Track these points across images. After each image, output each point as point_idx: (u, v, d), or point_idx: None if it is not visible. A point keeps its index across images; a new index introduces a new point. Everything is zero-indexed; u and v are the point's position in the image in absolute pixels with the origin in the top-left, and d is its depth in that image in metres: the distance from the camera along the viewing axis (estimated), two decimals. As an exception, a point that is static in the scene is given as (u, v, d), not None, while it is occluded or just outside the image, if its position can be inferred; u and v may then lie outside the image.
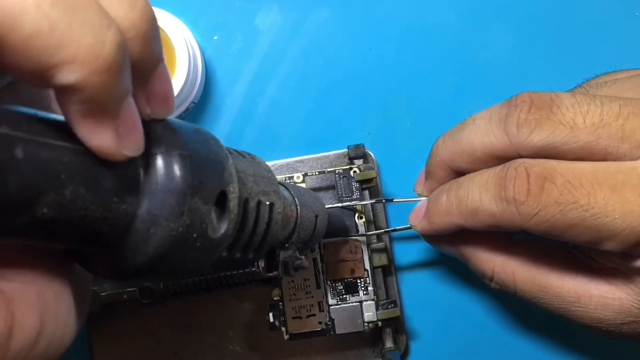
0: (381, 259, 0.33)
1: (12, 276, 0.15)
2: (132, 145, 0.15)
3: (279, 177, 0.33)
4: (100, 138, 0.15)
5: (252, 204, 0.20)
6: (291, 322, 0.32)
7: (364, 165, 0.33)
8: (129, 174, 0.16)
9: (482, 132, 0.26)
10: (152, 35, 0.16)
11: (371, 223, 0.34)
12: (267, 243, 0.22)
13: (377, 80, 0.36)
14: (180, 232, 0.16)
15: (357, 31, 0.36)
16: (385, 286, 0.34)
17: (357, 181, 0.33)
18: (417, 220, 0.30)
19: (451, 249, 0.30)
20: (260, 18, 0.37)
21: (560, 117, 0.24)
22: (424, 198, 0.30)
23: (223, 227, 0.18)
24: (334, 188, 0.33)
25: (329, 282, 0.32)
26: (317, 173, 0.34)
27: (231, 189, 0.18)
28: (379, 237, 0.33)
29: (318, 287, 0.32)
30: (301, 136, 0.36)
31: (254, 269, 0.33)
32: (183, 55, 0.32)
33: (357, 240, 0.33)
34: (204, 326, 0.34)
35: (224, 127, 0.36)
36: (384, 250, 0.33)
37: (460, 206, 0.26)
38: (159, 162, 0.16)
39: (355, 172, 0.33)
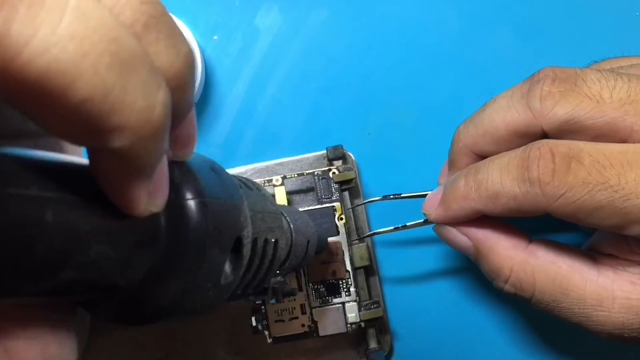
0: (363, 260, 0.33)
1: (17, 333, 0.14)
2: (159, 202, 0.14)
3: (259, 181, 0.33)
4: (131, 198, 0.14)
5: (260, 244, 0.19)
6: (274, 326, 0.32)
7: (343, 166, 0.33)
8: (151, 226, 0.15)
9: (503, 109, 0.26)
10: (192, 82, 0.15)
11: (351, 221, 0.33)
12: (269, 279, 0.21)
13: (377, 80, 0.36)
14: (195, 283, 0.15)
15: (357, 31, 0.36)
16: (368, 287, 0.33)
17: (335, 182, 0.33)
18: (431, 208, 0.28)
19: (466, 244, 0.28)
20: (260, 18, 0.37)
21: (586, 90, 0.23)
22: (436, 189, 0.29)
23: (235, 274, 0.17)
24: (314, 190, 0.33)
25: (310, 285, 0.32)
26: (296, 175, 0.33)
27: (246, 233, 0.17)
28: (360, 238, 0.33)
29: (300, 289, 0.32)
30: (301, 136, 0.36)
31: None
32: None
33: (338, 241, 0.32)
34: (189, 332, 0.34)
35: (224, 127, 0.36)
36: (366, 250, 0.33)
37: (479, 190, 0.25)
38: (180, 211, 0.15)
39: (334, 173, 0.33)
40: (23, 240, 0.11)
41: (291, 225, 0.24)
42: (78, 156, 0.15)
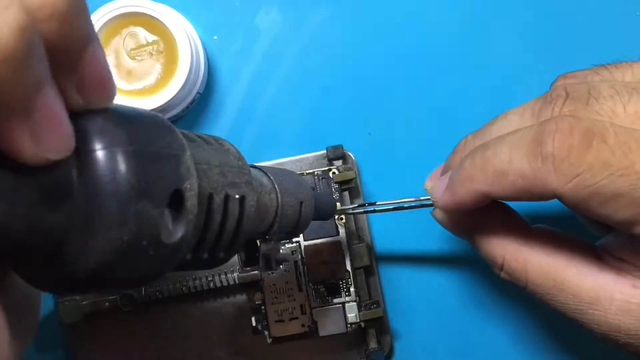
0: (363, 260, 0.32)
1: None
2: (55, 146, 0.13)
3: None
4: (10, 142, 0.12)
5: (218, 200, 0.18)
6: (274, 326, 0.32)
7: (343, 166, 0.33)
8: (58, 178, 0.14)
9: (513, 127, 0.24)
10: (74, 12, 0.13)
11: (351, 222, 0.33)
12: (241, 239, 0.20)
13: (377, 80, 0.36)
14: (125, 240, 0.14)
15: (357, 31, 0.36)
16: (368, 287, 0.33)
17: (335, 182, 0.33)
18: (439, 193, 0.26)
19: (463, 229, 0.27)
20: (260, 18, 0.37)
21: (598, 109, 0.22)
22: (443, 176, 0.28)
23: (180, 231, 0.16)
24: (314, 190, 0.33)
25: (310, 285, 0.32)
26: None
27: (188, 185, 0.16)
28: (360, 238, 0.33)
29: (300, 289, 0.32)
30: (301, 136, 0.36)
31: (235, 274, 0.32)
32: (185, 47, 0.32)
33: (338, 241, 0.32)
34: (188, 332, 0.34)
35: (224, 127, 0.36)
36: (366, 250, 0.33)
37: (485, 168, 0.23)
38: (96, 161, 0.14)
39: (334, 173, 0.33)
40: None
41: (276, 186, 0.23)
42: None
